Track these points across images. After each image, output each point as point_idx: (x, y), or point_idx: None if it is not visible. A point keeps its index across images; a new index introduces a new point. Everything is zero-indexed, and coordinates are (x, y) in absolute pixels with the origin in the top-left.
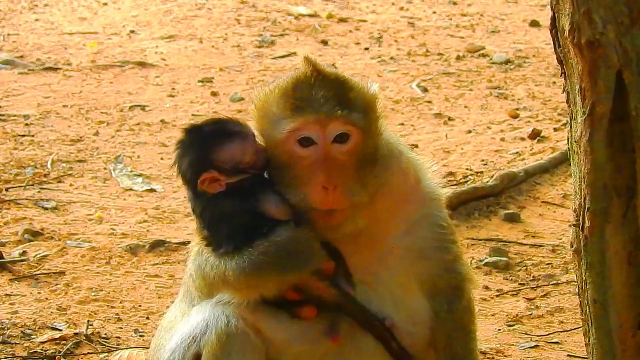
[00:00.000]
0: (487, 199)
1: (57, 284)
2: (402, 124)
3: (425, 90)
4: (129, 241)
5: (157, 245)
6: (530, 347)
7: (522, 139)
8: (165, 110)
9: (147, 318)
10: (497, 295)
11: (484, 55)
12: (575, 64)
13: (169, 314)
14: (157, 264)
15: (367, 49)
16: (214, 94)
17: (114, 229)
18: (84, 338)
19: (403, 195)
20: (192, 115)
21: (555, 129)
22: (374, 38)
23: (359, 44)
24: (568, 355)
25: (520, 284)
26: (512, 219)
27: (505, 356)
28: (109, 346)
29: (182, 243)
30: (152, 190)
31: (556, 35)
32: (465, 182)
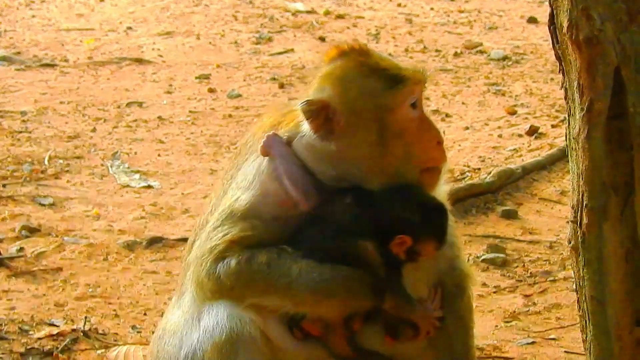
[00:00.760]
0: (484, 195)
1: (54, 280)
2: None
3: None
4: (126, 237)
5: (154, 241)
6: (528, 344)
7: (520, 135)
8: (163, 107)
9: (145, 314)
10: (494, 292)
11: (482, 52)
12: (573, 60)
13: (172, 316)
14: (154, 260)
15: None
16: (211, 90)
17: (112, 226)
18: (82, 334)
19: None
20: (190, 112)
21: (553, 126)
22: (372, 34)
23: (356, 40)
24: (565, 352)
25: (517, 280)
26: (510, 215)
27: (502, 352)
28: (106, 342)
29: (180, 239)
30: (149, 186)
31: (554, 32)
32: (462, 178)
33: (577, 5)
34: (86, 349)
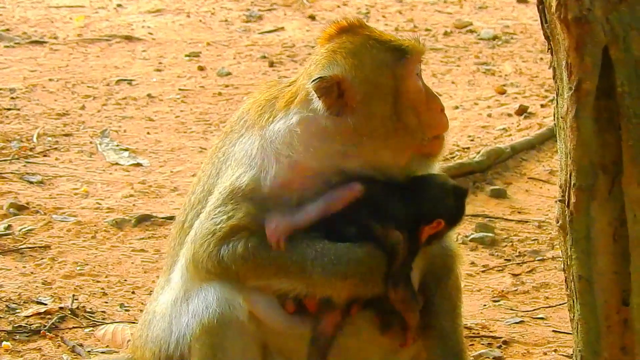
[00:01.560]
0: (473, 175)
1: (42, 258)
2: None
3: None
4: (114, 215)
5: (143, 219)
6: (516, 323)
7: (509, 115)
8: (152, 85)
9: (133, 293)
10: (482, 271)
11: (472, 32)
12: (562, 40)
13: (162, 297)
14: (142, 238)
15: None
16: (201, 68)
17: (100, 204)
18: (69, 312)
19: None
20: (179, 90)
21: (542, 105)
22: (362, 13)
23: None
24: (553, 331)
25: (506, 259)
26: (499, 195)
27: (490, 332)
28: (94, 320)
29: (168, 218)
30: (138, 164)
31: (543, 12)
32: (451, 158)
33: None
34: (74, 327)
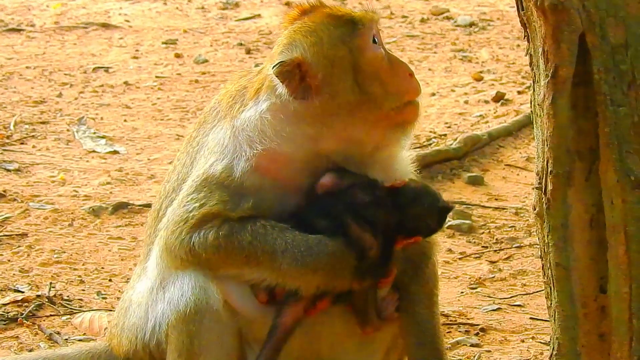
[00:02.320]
0: (450, 162)
1: (19, 246)
2: None
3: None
4: (91, 203)
5: (120, 207)
6: (493, 310)
7: (486, 102)
8: (129, 72)
9: (110, 280)
10: (460, 258)
11: (448, 18)
12: (538, 27)
13: (138, 285)
14: (120, 226)
15: None
16: (177, 55)
17: (77, 191)
18: (46, 300)
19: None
20: (156, 77)
21: (519, 92)
22: (339, 0)
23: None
24: (530, 318)
25: (483, 246)
26: (476, 182)
27: (467, 319)
28: (71, 308)
29: (145, 205)
30: (115, 152)
31: None
32: (428, 145)
33: None
34: (51, 314)
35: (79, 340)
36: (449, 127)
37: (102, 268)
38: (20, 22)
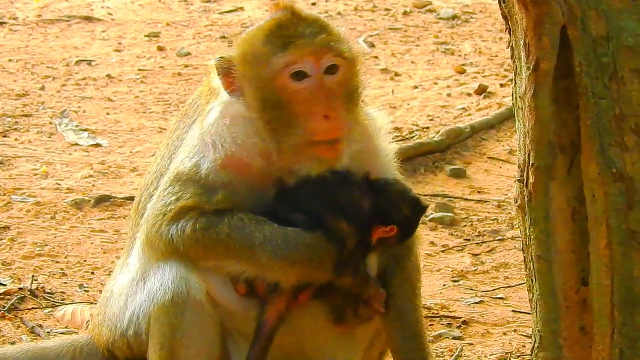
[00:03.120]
0: (433, 154)
1: (1, 239)
2: None
3: (372, 45)
4: (74, 196)
5: (102, 200)
6: (475, 303)
7: (469, 94)
8: (112, 65)
9: (92, 273)
10: (442, 251)
11: (431, 11)
12: (519, 19)
13: (120, 276)
14: (102, 219)
15: (314, 4)
16: (160, 48)
17: (59, 184)
18: (29, 293)
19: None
20: (139, 70)
21: (502, 85)
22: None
23: None
24: (513, 311)
25: (465, 239)
26: (458, 174)
27: (450, 311)
28: (53, 301)
29: (128, 198)
30: (97, 145)
31: None
32: (411, 137)
33: None
34: (33, 307)
35: (61, 333)
36: (431, 119)
37: (85, 261)
38: (3, 15)
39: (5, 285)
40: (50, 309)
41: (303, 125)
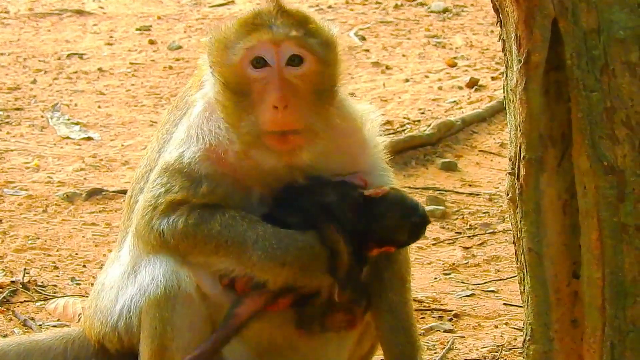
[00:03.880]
0: (424, 147)
1: None
2: None
3: (363, 38)
4: (66, 189)
5: (94, 193)
6: (467, 296)
7: (460, 87)
8: (103, 59)
9: (84, 266)
10: (433, 244)
11: (422, 4)
12: (511, 12)
13: (112, 270)
14: (94, 212)
15: None
16: (151, 42)
17: (51, 177)
18: (21, 286)
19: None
20: (130, 63)
21: (493, 78)
22: None
23: None
24: (504, 304)
25: (456, 232)
26: (449, 167)
27: (441, 305)
28: (45, 294)
29: (119, 191)
30: (89, 138)
31: None
32: (402, 130)
33: None
34: (25, 300)
35: (53, 326)
36: (422, 113)
37: (76, 254)
38: None
39: None
40: (42, 302)
41: (256, 114)
